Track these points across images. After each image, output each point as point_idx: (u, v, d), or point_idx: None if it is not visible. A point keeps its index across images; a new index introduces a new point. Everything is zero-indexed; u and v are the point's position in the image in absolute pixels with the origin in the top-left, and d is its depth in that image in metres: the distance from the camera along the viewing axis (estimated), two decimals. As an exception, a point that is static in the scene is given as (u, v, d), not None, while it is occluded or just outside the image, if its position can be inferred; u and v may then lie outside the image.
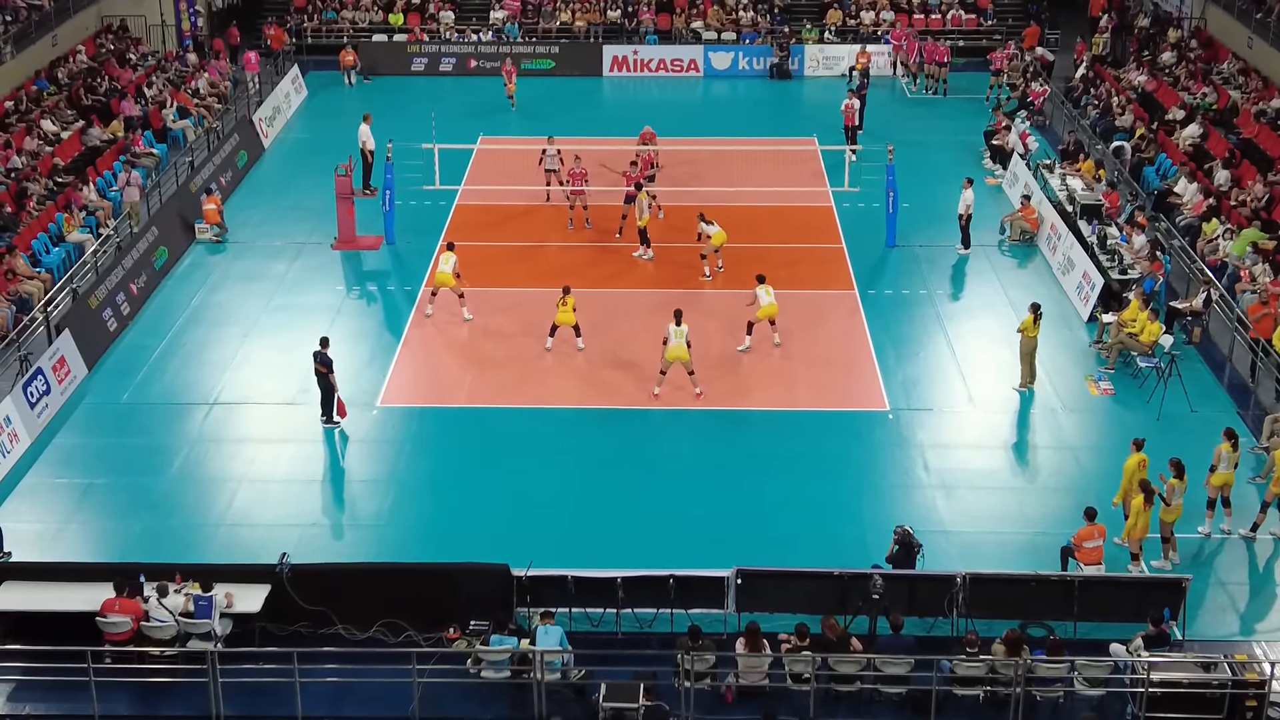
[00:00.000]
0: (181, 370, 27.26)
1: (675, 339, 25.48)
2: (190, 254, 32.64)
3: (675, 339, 25.48)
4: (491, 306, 29.72)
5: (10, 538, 21.22)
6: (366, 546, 21.70)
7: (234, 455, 24.40)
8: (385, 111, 39.61)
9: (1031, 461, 24.46)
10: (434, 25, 49.41)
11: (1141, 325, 26.52)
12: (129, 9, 45.67)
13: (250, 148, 39.11)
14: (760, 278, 27.58)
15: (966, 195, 32.17)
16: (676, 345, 25.45)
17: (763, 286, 27.36)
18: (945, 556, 20.91)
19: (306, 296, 30.37)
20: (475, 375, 27.08)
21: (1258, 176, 32.23)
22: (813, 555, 20.54)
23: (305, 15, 49.75)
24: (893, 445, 24.55)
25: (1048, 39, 48.20)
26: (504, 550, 20.02)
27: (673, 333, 25.49)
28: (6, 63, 38.48)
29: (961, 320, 29.42)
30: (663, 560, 19.81)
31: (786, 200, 34.68)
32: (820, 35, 48.91)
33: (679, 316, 25.63)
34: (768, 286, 27.36)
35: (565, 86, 46.75)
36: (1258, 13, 39.66)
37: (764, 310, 27.24)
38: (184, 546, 21.46)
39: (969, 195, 32.15)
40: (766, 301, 27.18)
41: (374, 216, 33.38)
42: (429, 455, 24.47)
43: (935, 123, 42.31)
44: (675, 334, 25.49)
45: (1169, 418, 24.92)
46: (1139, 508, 20.41)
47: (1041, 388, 26.26)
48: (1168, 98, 39.67)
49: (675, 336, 25.49)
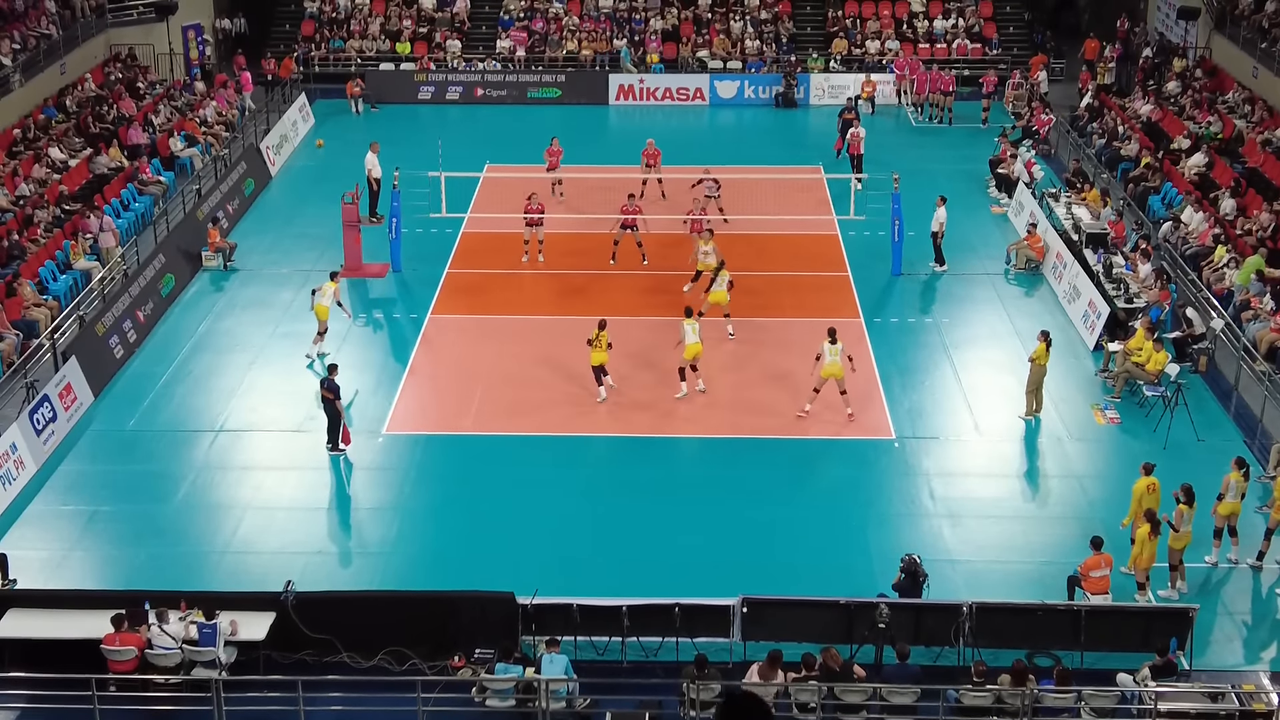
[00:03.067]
0: (188, 397, 27.29)
1: (830, 356, 25.35)
2: (197, 281, 32.71)
3: (830, 356, 25.35)
4: (498, 334, 29.75)
5: (16, 565, 21.20)
6: (372, 574, 21.68)
7: (239, 482, 24.40)
8: (392, 140, 39.75)
9: (1038, 490, 24.43)
10: (441, 54, 49.59)
11: (1148, 354, 26.49)
12: (137, 38, 45.87)
13: (257, 176, 39.23)
14: (688, 310, 27.13)
15: (939, 213, 32.53)
16: (832, 362, 25.36)
17: (689, 321, 26.60)
18: (951, 585, 20.86)
19: (313, 324, 30.27)
20: (481, 402, 27.08)
21: (1264, 205, 32.24)
22: (819, 584, 20.49)
23: (313, 44, 49.97)
24: (899, 474, 24.52)
25: (1052, 68, 48.36)
26: (509, 578, 20.01)
27: (827, 350, 25.36)
28: (15, 91, 38.64)
29: (967, 349, 29.42)
30: (668, 589, 19.77)
31: (792, 228, 34.73)
32: (826, 64, 49.09)
33: (833, 335, 25.55)
34: (694, 322, 26.65)
35: (572, 115, 46.92)
36: (1263, 42, 39.74)
37: (689, 350, 26.45)
38: (189, 573, 21.43)
39: (941, 213, 32.58)
40: (691, 340, 26.41)
41: (380, 244, 33.46)
42: (434, 482, 24.46)
43: (940, 151, 42.40)
44: (830, 352, 25.35)
45: (1175, 446, 24.87)
46: (1144, 537, 20.36)
47: (1048, 416, 26.24)
48: (1173, 127, 39.74)
49: (830, 354, 25.35)
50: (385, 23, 50.66)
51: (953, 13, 50.63)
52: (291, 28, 51.34)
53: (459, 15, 51.06)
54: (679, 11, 51.04)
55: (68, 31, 42.66)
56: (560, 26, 50.29)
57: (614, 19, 50.67)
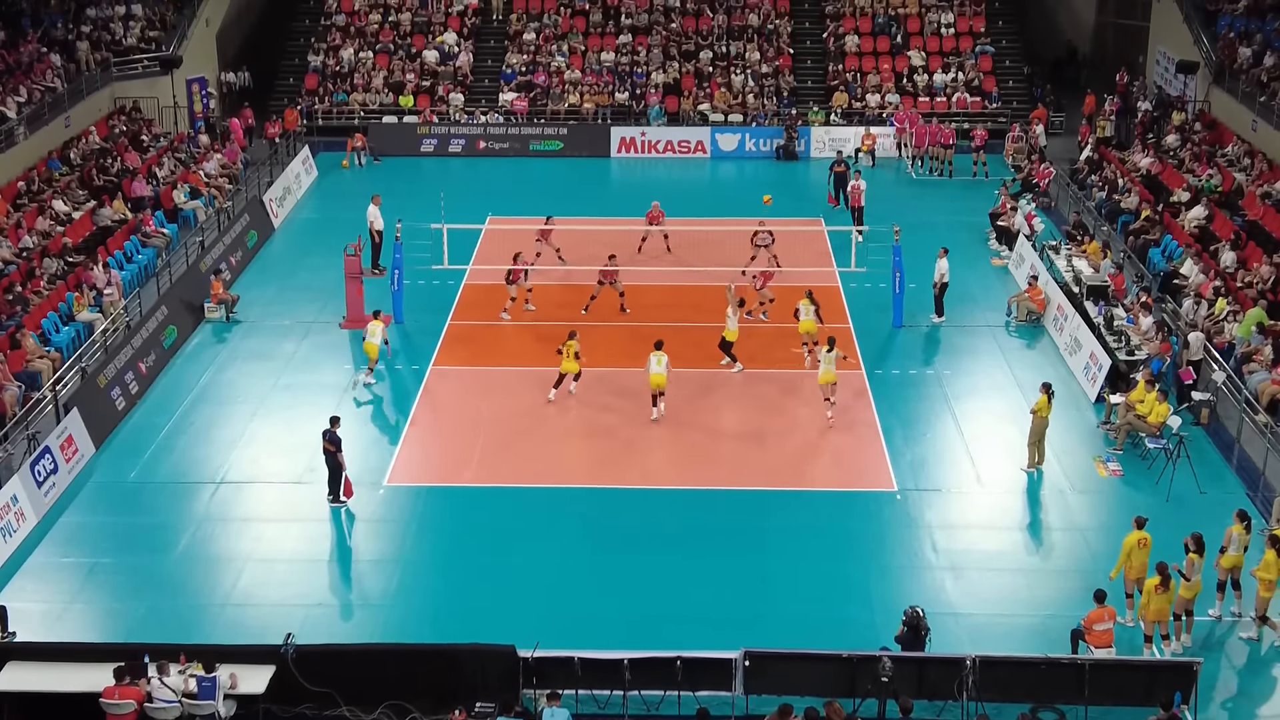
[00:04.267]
0: (189, 449, 27.27)
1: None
2: (199, 333, 32.76)
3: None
4: (500, 385, 29.76)
5: (15, 617, 21.10)
6: (372, 627, 21.59)
7: (240, 534, 24.34)
8: (395, 192, 39.90)
9: (1040, 543, 24.35)
10: (443, 107, 49.87)
11: (1150, 406, 26.49)
12: (142, 91, 46.15)
13: (260, 228, 39.37)
14: (658, 344, 28.04)
15: (941, 264, 32.66)
16: (826, 370, 27.61)
17: (656, 354, 27.74)
18: (954, 638, 20.78)
19: (315, 375, 30.43)
20: (482, 454, 27.06)
21: (1264, 258, 32.32)
22: (821, 637, 20.40)
23: (316, 98, 50.26)
24: (901, 526, 24.46)
25: (1052, 122, 48.62)
26: (510, 631, 19.91)
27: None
28: (20, 143, 38.85)
29: (969, 400, 29.42)
30: (670, 642, 19.69)
31: (794, 280, 34.76)
32: (826, 118, 49.35)
33: (832, 343, 27.94)
34: (661, 354, 27.75)
35: (573, 167, 47.15)
36: (1261, 96, 39.97)
37: (653, 379, 27.68)
38: (189, 626, 21.36)
39: (943, 265, 32.70)
40: (655, 371, 27.63)
41: (383, 296, 33.53)
42: (435, 535, 24.40)
43: (940, 204, 42.56)
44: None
45: (1178, 499, 24.84)
46: (1151, 589, 20.30)
47: (1050, 468, 26.21)
48: (1172, 180, 39.91)
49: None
50: (388, 76, 50.98)
51: (952, 67, 50.93)
52: (295, 81, 51.66)
53: (461, 69, 51.39)
54: (680, 65, 51.36)
55: (73, 85, 42.96)
56: (562, 80, 50.60)
57: (616, 72, 50.98)
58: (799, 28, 53.50)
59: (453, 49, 52.02)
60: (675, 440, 27.57)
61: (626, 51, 52.00)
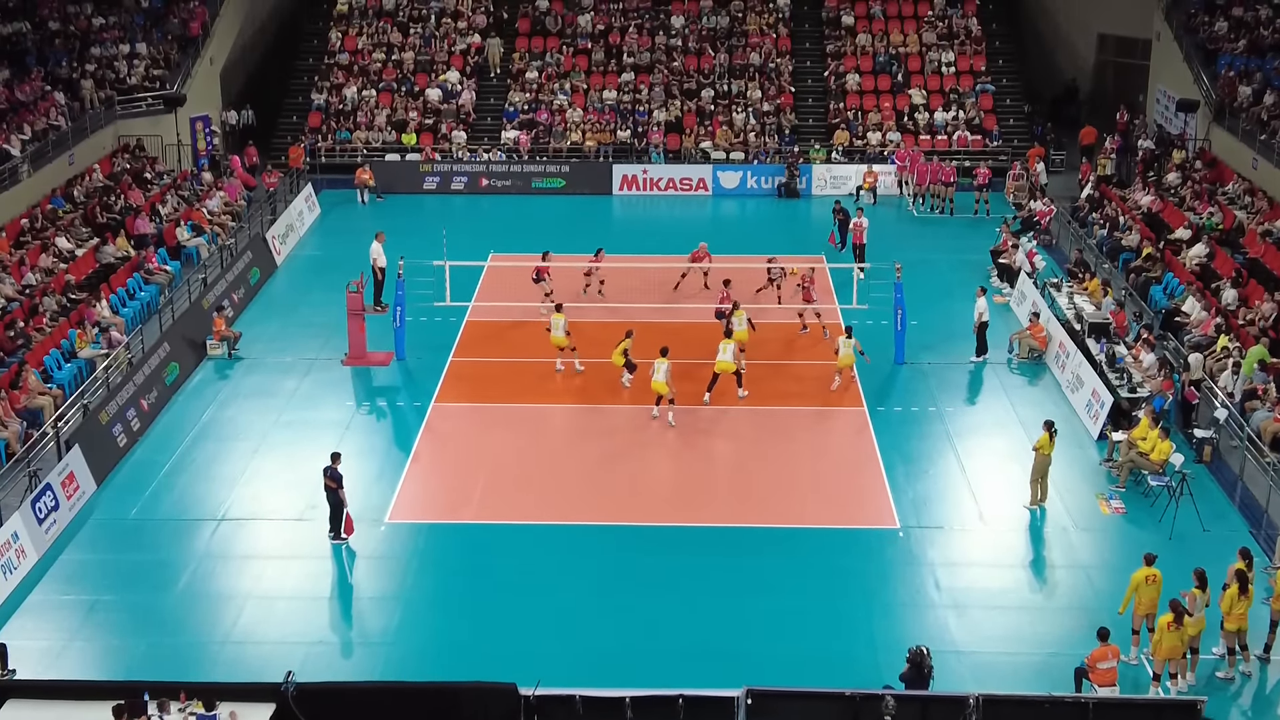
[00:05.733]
0: (190, 486, 27.25)
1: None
2: (201, 370, 32.77)
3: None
4: (502, 422, 29.75)
5: (16, 655, 21.00)
6: (373, 664, 21.52)
7: (241, 571, 24.29)
8: (397, 229, 40.00)
9: (1044, 581, 24.28)
10: (446, 145, 50.06)
11: (1152, 443, 26.47)
12: (146, 129, 46.35)
13: (263, 265, 39.45)
14: (663, 350, 29.43)
15: (980, 303, 32.56)
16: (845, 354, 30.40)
17: (660, 360, 29.13)
18: (958, 677, 20.69)
19: (316, 412, 30.42)
20: (484, 491, 27.03)
21: (1265, 296, 32.35)
22: (824, 675, 20.34)
23: (319, 136, 50.46)
24: (903, 563, 24.40)
25: (1052, 160, 48.76)
26: (511, 669, 19.81)
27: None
28: (23, 181, 38.99)
29: (971, 438, 29.39)
30: (672, 679, 19.59)
31: (795, 318, 34.82)
32: (828, 155, 49.51)
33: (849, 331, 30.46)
34: (664, 361, 29.14)
35: (575, 205, 47.28)
36: (1261, 134, 40.10)
37: (654, 386, 29.02)
38: (189, 664, 21.29)
39: (982, 303, 32.58)
40: (656, 379, 28.95)
41: (385, 333, 33.57)
42: (436, 572, 24.34)
43: (941, 241, 42.65)
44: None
45: (1181, 537, 24.79)
46: (1164, 626, 20.22)
47: (1053, 506, 26.16)
48: (1173, 218, 39.99)
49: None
50: (391, 114, 51.19)
51: (953, 105, 51.13)
52: (299, 119, 51.86)
53: (464, 107, 51.60)
54: (682, 103, 51.56)
55: (77, 123, 43.16)
56: (564, 118, 50.80)
57: (618, 110, 51.19)
58: (800, 66, 53.75)
59: (455, 87, 52.25)
60: (678, 476, 27.54)
61: (628, 90, 52.22)
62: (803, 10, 55.90)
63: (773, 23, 54.77)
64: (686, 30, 54.49)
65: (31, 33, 47.05)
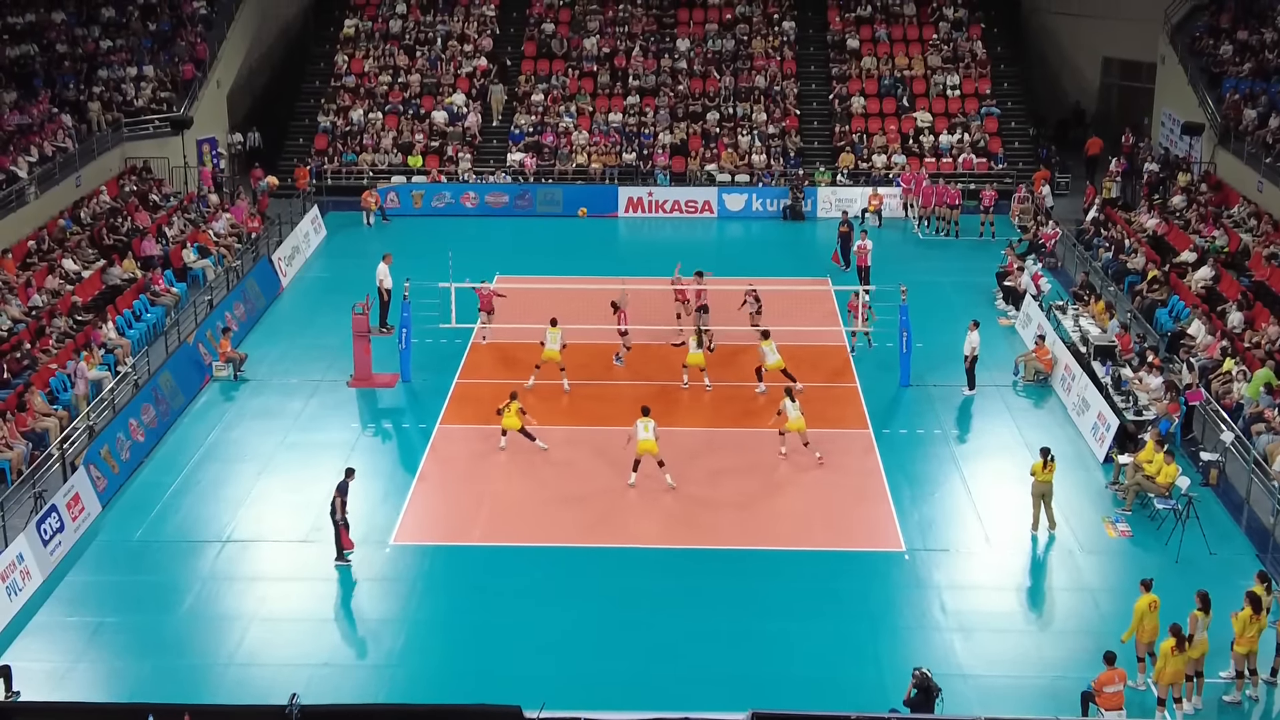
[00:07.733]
0: (195, 507, 27.24)
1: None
2: (206, 392, 32.79)
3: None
4: (507, 444, 29.71)
5: (20, 677, 21.04)
6: (378, 687, 21.48)
7: (245, 593, 24.27)
8: (403, 251, 40.04)
9: (1050, 604, 24.23)
10: (452, 167, 50.16)
11: (1158, 466, 26.43)
12: (152, 151, 46.47)
13: (268, 287, 39.49)
14: (645, 410, 27.92)
15: (972, 337, 32.39)
16: (796, 419, 28.10)
17: (643, 420, 27.68)
18: (964, 700, 20.63)
19: (322, 434, 30.43)
20: (489, 513, 27.02)
21: (1271, 318, 32.32)
22: (829, 698, 20.29)
23: (326, 158, 50.58)
24: (909, 586, 24.36)
25: (1057, 183, 48.80)
26: (516, 691, 19.82)
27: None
28: (30, 203, 39.09)
29: (977, 460, 29.36)
30: (676, 702, 19.59)
31: (800, 340, 34.81)
32: (833, 178, 49.56)
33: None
34: (648, 420, 27.67)
35: (581, 227, 47.35)
36: (1267, 157, 40.11)
37: (642, 445, 27.52)
38: (194, 686, 21.26)
39: (974, 337, 32.38)
40: (644, 437, 27.48)
41: (390, 354, 33.60)
42: (441, 594, 24.32)
43: (947, 264, 42.66)
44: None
45: (1187, 560, 24.74)
46: (1167, 651, 20.15)
47: (1059, 529, 26.10)
48: (1179, 240, 39.99)
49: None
50: (397, 136, 51.32)
51: (958, 128, 51.19)
52: (305, 141, 51.99)
53: (470, 129, 51.72)
54: (687, 126, 51.68)
55: (84, 145, 43.28)
56: (570, 141, 50.91)
57: (623, 133, 51.29)
58: (805, 89, 53.87)
59: (461, 110, 52.39)
60: (683, 499, 27.50)
61: (634, 112, 52.34)
62: (808, 34, 56.06)
63: (778, 46, 54.92)
64: (692, 53, 54.63)
65: (39, 55, 47.21)
